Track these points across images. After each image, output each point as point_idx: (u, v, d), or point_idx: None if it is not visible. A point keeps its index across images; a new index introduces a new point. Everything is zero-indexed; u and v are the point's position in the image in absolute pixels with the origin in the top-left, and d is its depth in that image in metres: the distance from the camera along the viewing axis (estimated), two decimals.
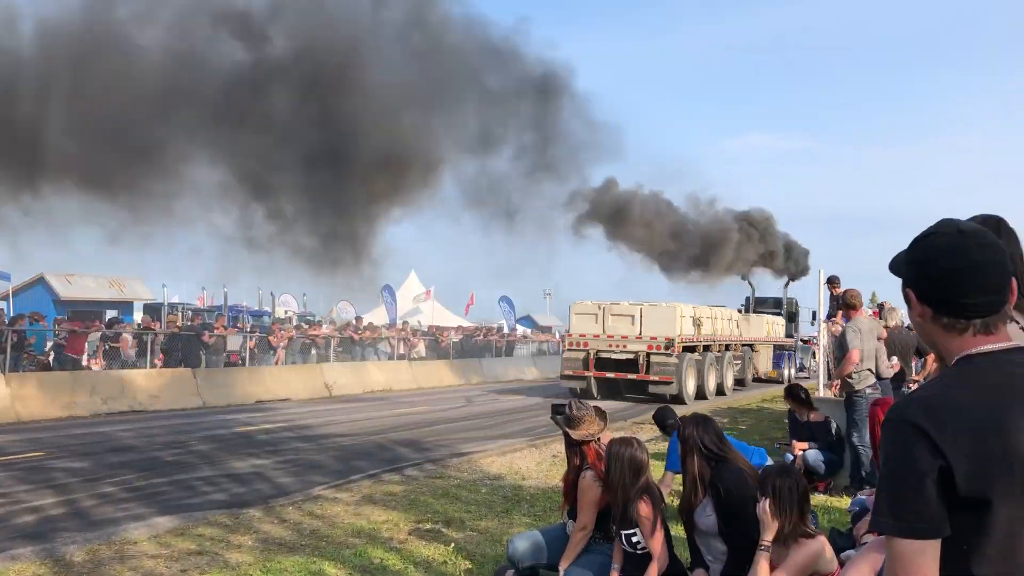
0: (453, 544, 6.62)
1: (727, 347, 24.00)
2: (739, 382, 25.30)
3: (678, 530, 5.47)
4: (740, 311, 27.69)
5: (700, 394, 21.75)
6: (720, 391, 22.94)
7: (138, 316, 29.25)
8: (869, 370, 8.77)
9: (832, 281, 13.27)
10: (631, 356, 20.87)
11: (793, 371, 29.17)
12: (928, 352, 9.79)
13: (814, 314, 16.02)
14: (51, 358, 19.09)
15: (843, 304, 9.42)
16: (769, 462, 7.42)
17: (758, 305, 29.87)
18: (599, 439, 5.48)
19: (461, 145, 22.04)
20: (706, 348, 22.42)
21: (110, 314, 26.50)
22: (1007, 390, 1.66)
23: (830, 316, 12.62)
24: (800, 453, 8.84)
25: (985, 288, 1.70)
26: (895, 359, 9.75)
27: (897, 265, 1.85)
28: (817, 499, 8.33)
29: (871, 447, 8.72)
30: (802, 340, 30.66)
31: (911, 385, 9.98)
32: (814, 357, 25.18)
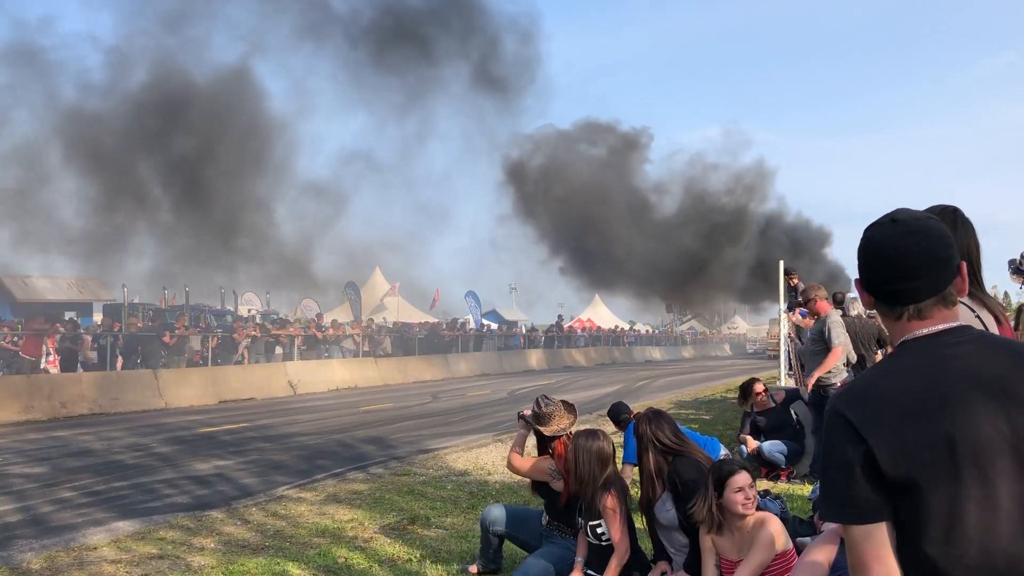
0: (418, 542, 6.60)
1: None
2: None
3: (641, 522, 5.49)
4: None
5: None
6: None
7: (98, 317, 28.78)
8: (843, 364, 8.70)
9: (789, 272, 13.41)
10: None
11: None
12: (888, 342, 9.90)
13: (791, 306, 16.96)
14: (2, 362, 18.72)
15: (806, 300, 9.28)
16: (723, 451, 7.45)
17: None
18: (570, 432, 5.48)
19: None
20: None
21: (69, 316, 26.02)
22: (936, 373, 1.67)
23: (790, 307, 12.76)
24: (755, 448, 8.92)
25: (908, 275, 1.71)
26: None
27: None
28: (779, 487, 8.43)
29: None
30: None
31: None
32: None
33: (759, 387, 9.39)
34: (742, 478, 4.22)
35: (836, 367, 8.59)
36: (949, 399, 1.64)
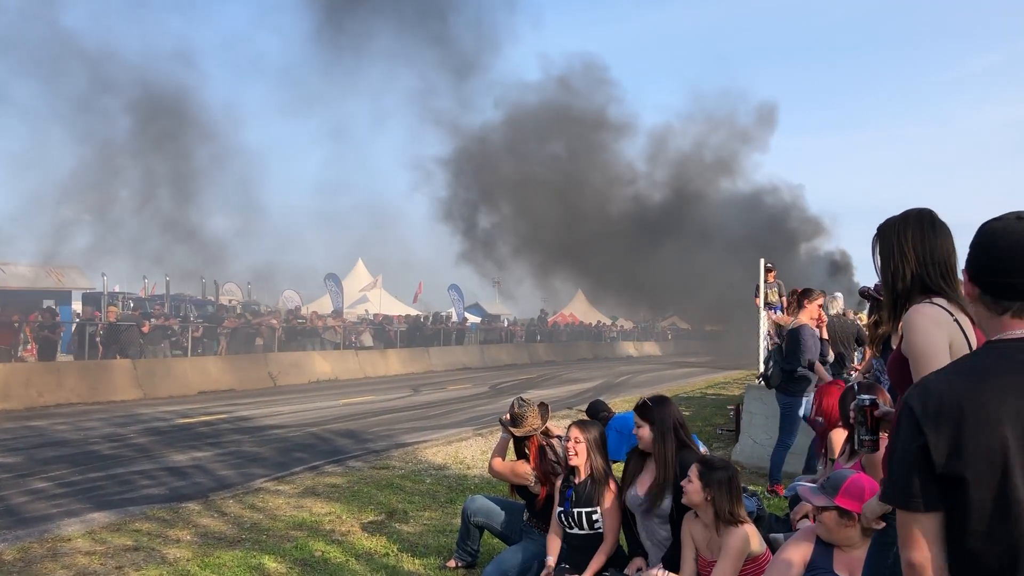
0: (396, 535, 6.59)
1: None
2: None
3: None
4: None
5: None
6: None
7: (77, 306, 28.55)
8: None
9: (769, 269, 13.48)
10: None
11: None
12: (867, 342, 9.93)
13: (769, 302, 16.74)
14: None
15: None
16: (702, 449, 7.44)
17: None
18: (547, 431, 5.56)
19: None
20: None
21: (47, 304, 25.83)
22: (1007, 376, 1.74)
23: (769, 305, 12.81)
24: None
25: None
26: None
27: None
28: (755, 485, 8.47)
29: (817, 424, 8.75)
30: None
31: (851, 373, 10.16)
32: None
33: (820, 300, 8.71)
34: (694, 472, 4.36)
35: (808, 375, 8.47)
36: (1011, 405, 1.71)
